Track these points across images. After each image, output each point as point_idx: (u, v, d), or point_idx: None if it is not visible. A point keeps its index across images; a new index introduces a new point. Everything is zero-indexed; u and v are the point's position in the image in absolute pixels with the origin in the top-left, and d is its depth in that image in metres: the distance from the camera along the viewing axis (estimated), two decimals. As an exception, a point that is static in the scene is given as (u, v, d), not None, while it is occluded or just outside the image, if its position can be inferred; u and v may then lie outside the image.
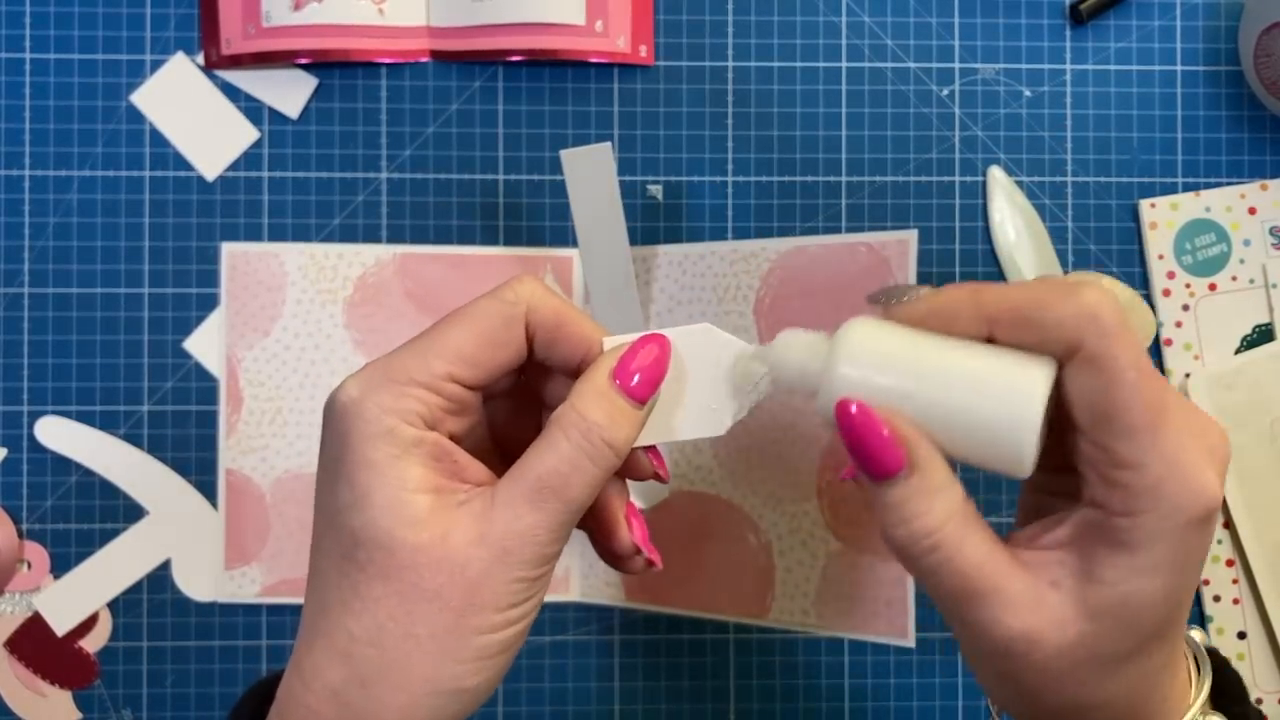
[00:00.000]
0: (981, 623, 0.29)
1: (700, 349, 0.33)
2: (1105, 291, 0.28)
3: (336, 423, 0.31)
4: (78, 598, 0.52)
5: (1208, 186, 0.54)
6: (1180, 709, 0.31)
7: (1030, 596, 0.29)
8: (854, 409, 0.29)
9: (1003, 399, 0.28)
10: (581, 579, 0.53)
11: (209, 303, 0.53)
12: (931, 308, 0.30)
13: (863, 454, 0.29)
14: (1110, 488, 0.28)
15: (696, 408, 0.33)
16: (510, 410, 0.36)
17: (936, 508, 0.29)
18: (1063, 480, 0.31)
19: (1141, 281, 0.54)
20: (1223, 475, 0.29)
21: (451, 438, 0.32)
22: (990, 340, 0.30)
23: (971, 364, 0.29)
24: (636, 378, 0.32)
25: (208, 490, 0.53)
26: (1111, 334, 0.28)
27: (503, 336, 0.32)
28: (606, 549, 0.35)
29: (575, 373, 0.33)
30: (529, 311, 0.32)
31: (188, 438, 0.53)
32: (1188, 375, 0.53)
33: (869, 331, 0.30)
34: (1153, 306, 0.54)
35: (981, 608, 0.29)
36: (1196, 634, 0.34)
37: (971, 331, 0.30)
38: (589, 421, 0.31)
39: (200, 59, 0.53)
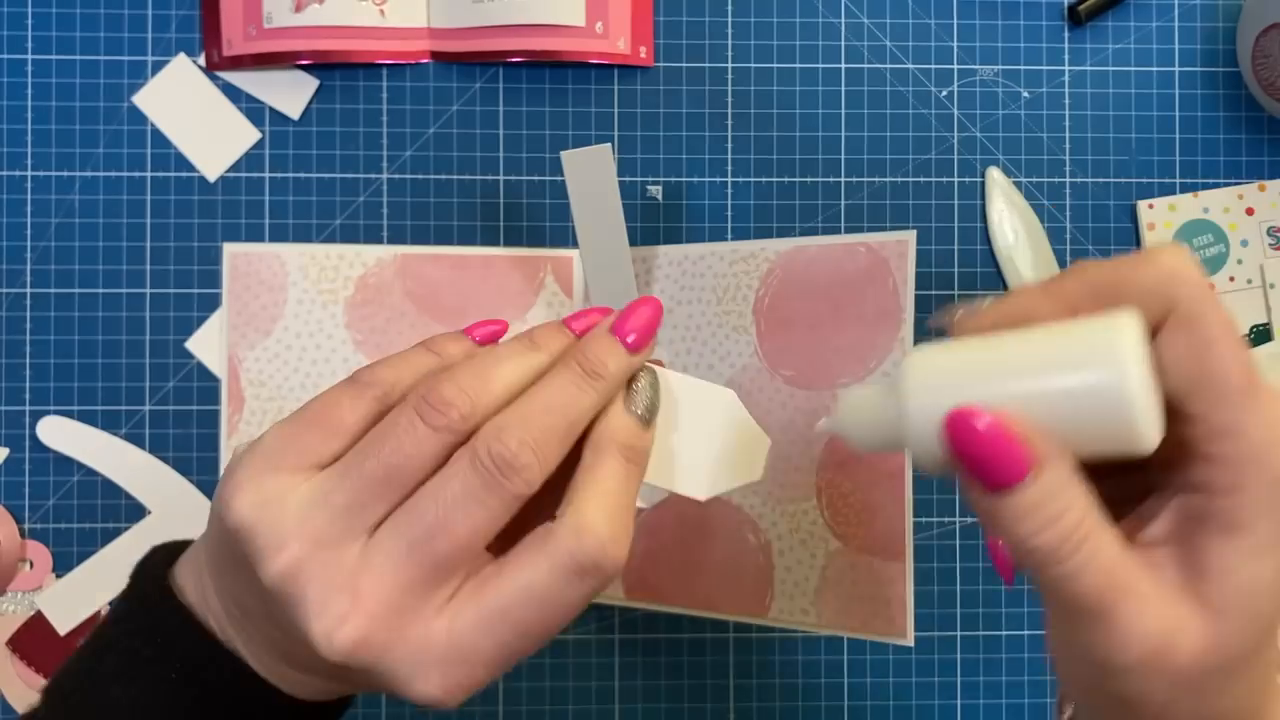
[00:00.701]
0: (1122, 630, 0.26)
1: (719, 412, 0.33)
2: (1184, 251, 0.27)
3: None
4: (80, 597, 0.52)
5: (1205, 187, 0.54)
6: None
7: (1162, 597, 0.26)
8: (968, 420, 0.26)
9: (1094, 365, 0.25)
10: (582, 578, 0.53)
11: (210, 303, 0.53)
12: (1002, 312, 0.28)
13: (986, 463, 0.26)
14: (1211, 464, 0.26)
15: (693, 465, 0.33)
16: None
17: (1079, 500, 0.26)
18: (1132, 481, 0.29)
19: (1140, 282, 0.54)
20: None
21: None
22: None
23: (1050, 343, 0.26)
24: (633, 335, 0.32)
25: (209, 490, 0.53)
26: (1203, 293, 0.26)
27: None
28: None
29: None
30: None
31: (189, 437, 0.53)
32: (1186, 375, 0.53)
33: (930, 356, 0.28)
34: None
35: (1120, 613, 0.26)
36: None
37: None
38: (589, 354, 0.31)
39: (202, 60, 0.53)
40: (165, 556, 0.34)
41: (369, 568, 0.29)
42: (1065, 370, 0.25)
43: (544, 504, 0.30)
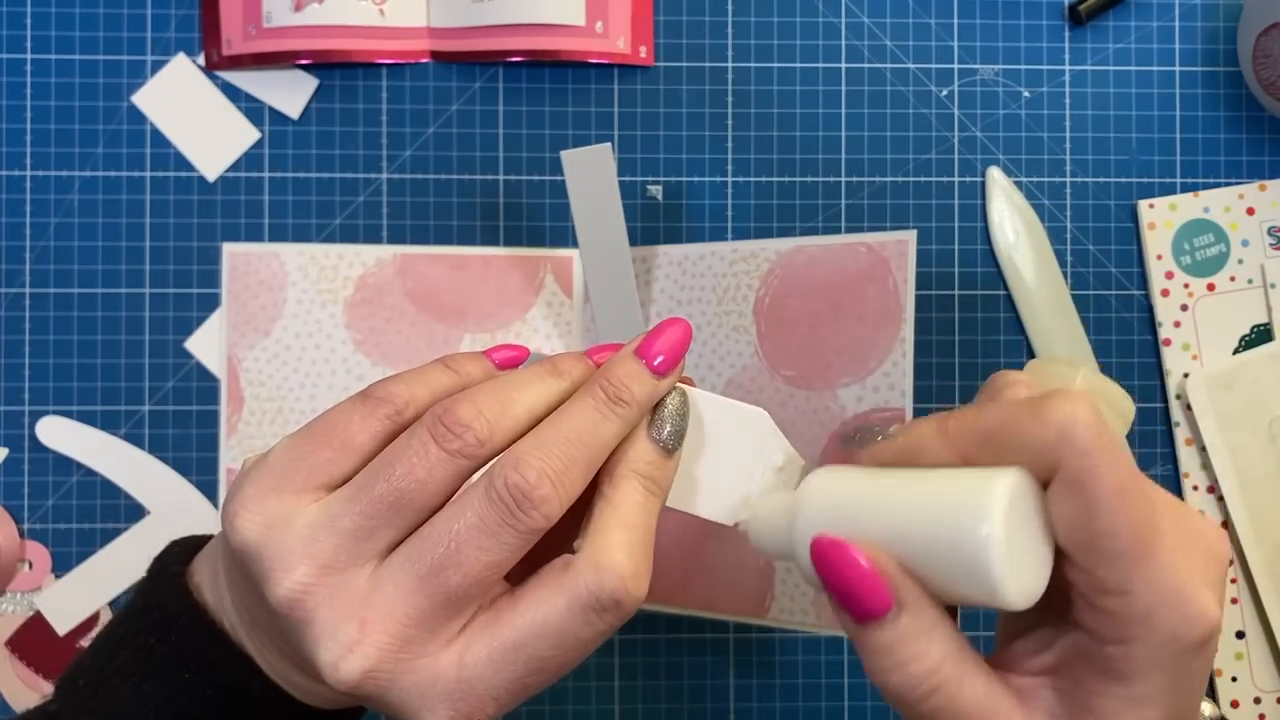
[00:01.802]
0: None
1: (750, 433, 0.32)
2: (1076, 401, 0.25)
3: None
4: (79, 597, 0.52)
5: (1206, 187, 0.54)
6: None
7: None
8: (834, 550, 0.27)
9: (960, 520, 0.25)
10: (581, 578, 0.53)
11: (210, 303, 0.53)
12: (899, 447, 0.28)
13: (847, 594, 0.26)
14: (1099, 614, 0.26)
15: (721, 488, 0.32)
16: None
17: (933, 648, 0.26)
18: (1044, 598, 0.28)
19: (1140, 281, 0.54)
20: (1222, 584, 0.27)
21: None
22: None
23: (931, 489, 0.26)
24: (660, 358, 0.31)
25: (209, 490, 0.53)
26: (1088, 452, 0.25)
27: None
28: None
29: None
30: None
31: (189, 437, 0.53)
32: (1186, 375, 0.53)
33: (830, 478, 0.28)
34: (1151, 307, 0.54)
35: None
36: (1208, 707, 0.31)
37: (943, 466, 0.27)
38: (612, 379, 0.30)
39: (201, 60, 0.53)
40: (183, 552, 0.33)
41: (378, 596, 0.28)
42: (937, 522, 0.26)
43: (562, 530, 0.30)
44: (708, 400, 0.32)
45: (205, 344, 0.53)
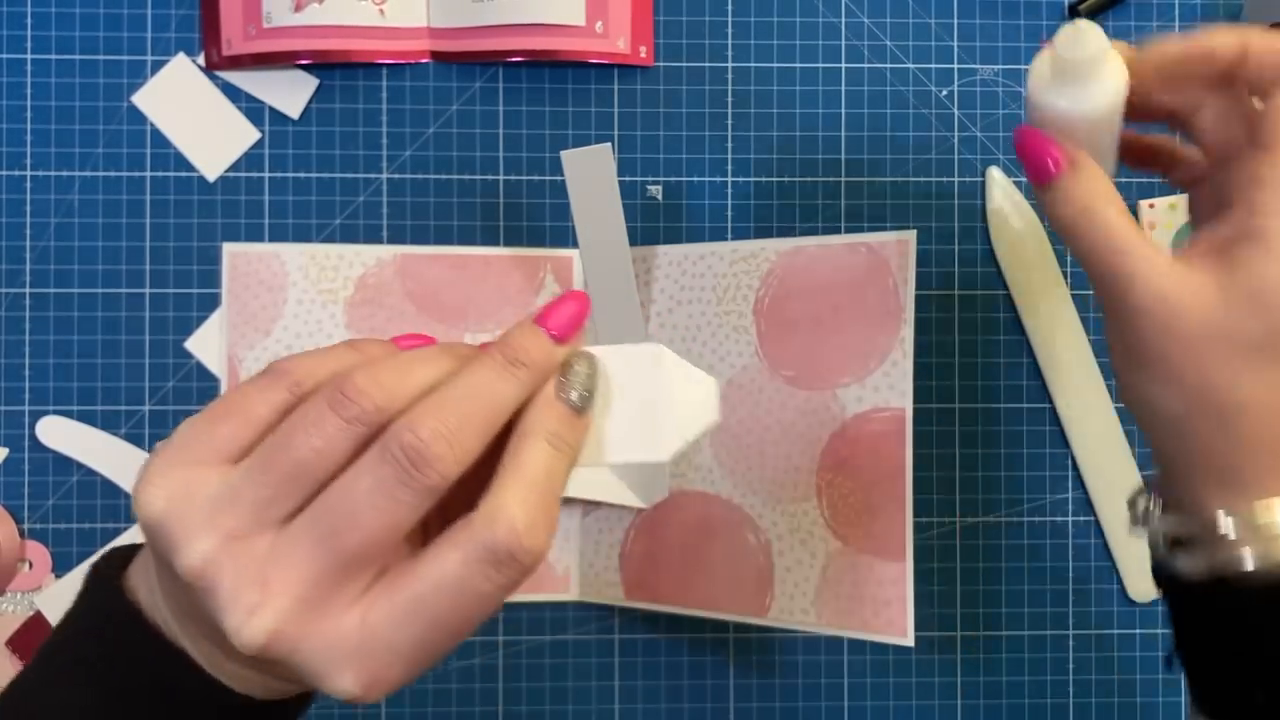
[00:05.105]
0: (1129, 275, 0.34)
1: (654, 370, 0.32)
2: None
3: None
4: (79, 597, 0.52)
5: (1206, 187, 0.54)
6: None
7: (1174, 268, 0.34)
8: (1026, 130, 0.36)
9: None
10: (581, 579, 0.53)
11: (210, 303, 0.53)
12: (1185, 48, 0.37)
13: (1039, 158, 0.36)
14: (1253, 169, 0.33)
15: (644, 431, 0.32)
16: None
17: (1094, 189, 0.35)
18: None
19: (1140, 282, 0.54)
20: None
21: None
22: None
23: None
24: (557, 327, 0.31)
25: (209, 490, 0.53)
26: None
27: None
28: None
29: None
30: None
31: (189, 437, 0.53)
32: (1186, 375, 0.53)
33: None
34: (1151, 306, 0.54)
35: (1127, 261, 0.34)
36: None
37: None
38: (510, 343, 0.30)
39: (201, 60, 0.53)
40: (120, 559, 0.33)
41: (278, 560, 0.28)
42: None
43: (474, 499, 0.30)
44: (603, 352, 0.33)
45: (205, 344, 0.53)
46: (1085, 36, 0.36)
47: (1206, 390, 0.34)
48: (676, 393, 0.32)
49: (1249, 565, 0.33)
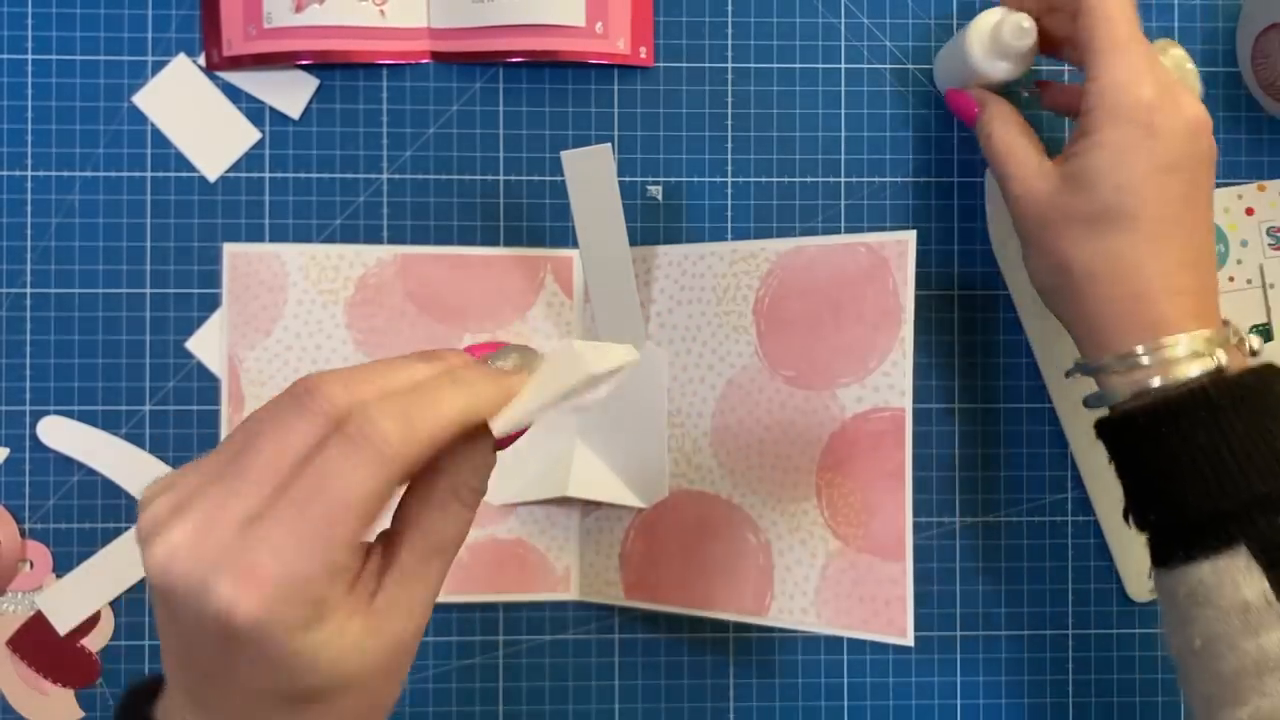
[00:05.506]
0: (1008, 175, 0.45)
1: (567, 352, 0.32)
2: None
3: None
4: (80, 597, 0.52)
5: (1206, 187, 0.54)
6: (1189, 314, 0.41)
7: (1041, 165, 0.45)
8: (953, 92, 0.50)
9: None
10: (581, 579, 0.53)
11: (211, 303, 0.53)
12: None
13: (963, 109, 0.49)
14: (1086, 92, 0.43)
15: (560, 368, 0.32)
16: None
17: (994, 115, 0.47)
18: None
19: (1140, 282, 0.54)
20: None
21: None
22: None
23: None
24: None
25: (209, 490, 0.53)
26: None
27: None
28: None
29: None
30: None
31: (189, 437, 0.53)
32: (1186, 375, 0.53)
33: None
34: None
35: (1010, 163, 0.45)
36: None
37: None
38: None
39: (202, 60, 0.53)
40: (145, 695, 0.33)
41: (207, 494, 0.28)
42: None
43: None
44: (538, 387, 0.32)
45: (206, 344, 0.53)
46: (1028, 31, 0.46)
47: (1063, 263, 0.43)
48: (595, 348, 0.34)
49: (1106, 412, 0.43)
